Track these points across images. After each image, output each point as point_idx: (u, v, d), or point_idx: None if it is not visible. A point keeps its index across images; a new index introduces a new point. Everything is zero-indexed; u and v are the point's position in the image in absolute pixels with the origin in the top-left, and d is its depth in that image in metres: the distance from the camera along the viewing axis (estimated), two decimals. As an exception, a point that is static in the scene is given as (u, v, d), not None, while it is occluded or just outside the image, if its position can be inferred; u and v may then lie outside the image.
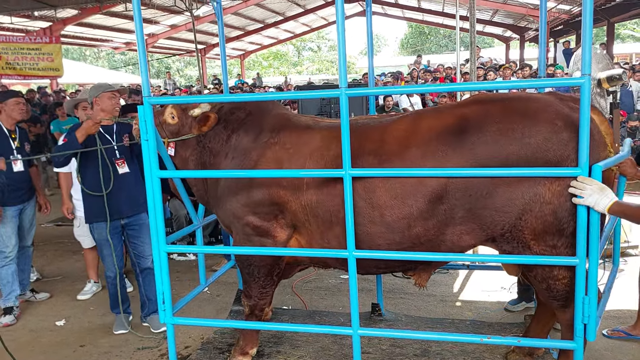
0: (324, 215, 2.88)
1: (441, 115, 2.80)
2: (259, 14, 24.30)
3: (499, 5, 20.91)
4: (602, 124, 2.69)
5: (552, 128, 2.52)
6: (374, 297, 4.22)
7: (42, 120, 10.82)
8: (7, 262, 4.63)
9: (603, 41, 18.58)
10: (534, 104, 2.64)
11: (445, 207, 2.65)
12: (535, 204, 2.53)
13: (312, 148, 2.97)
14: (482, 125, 2.62)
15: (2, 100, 4.72)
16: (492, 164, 2.56)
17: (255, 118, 3.24)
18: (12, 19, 17.15)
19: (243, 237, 3.12)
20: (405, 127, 2.83)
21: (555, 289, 2.71)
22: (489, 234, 2.66)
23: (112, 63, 42.11)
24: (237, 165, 3.12)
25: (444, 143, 2.66)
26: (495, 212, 2.59)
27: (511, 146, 2.55)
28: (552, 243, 2.59)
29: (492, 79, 11.17)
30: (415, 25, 40.98)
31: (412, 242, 2.76)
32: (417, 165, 2.68)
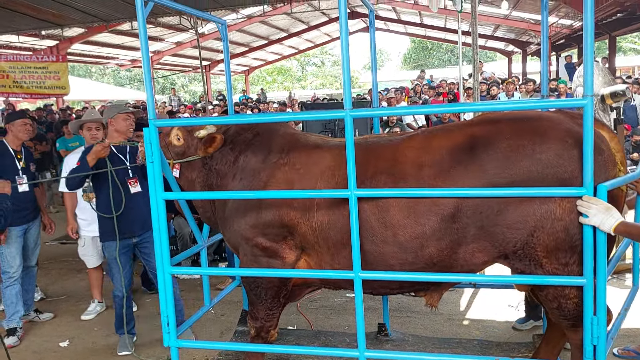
0: (335, 236, 2.86)
1: (452, 134, 2.79)
2: (263, 31, 24.52)
3: (500, 21, 21.05)
4: (612, 140, 2.68)
5: (563, 145, 2.52)
6: (380, 315, 4.18)
7: (47, 138, 10.90)
8: (11, 283, 4.62)
9: (605, 55, 18.63)
10: (545, 122, 2.63)
11: (458, 226, 2.63)
12: (547, 220, 2.51)
13: (322, 168, 2.95)
14: (493, 143, 2.62)
15: (9, 121, 4.77)
16: (503, 182, 2.55)
17: (263, 139, 3.23)
18: (20, 37, 17.39)
19: (251, 258, 3.09)
20: (417, 146, 2.83)
21: (567, 308, 2.68)
22: (501, 251, 2.64)
23: (117, 79, 42.48)
24: (245, 187, 3.10)
25: (456, 162, 2.66)
26: (507, 229, 2.57)
27: (522, 162, 2.54)
28: (564, 260, 2.57)
29: (496, 93, 11.19)
30: (418, 40, 41.21)
31: (425, 262, 2.73)
32: (430, 184, 2.67)
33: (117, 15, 14.58)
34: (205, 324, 4.76)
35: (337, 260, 2.91)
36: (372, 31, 3.85)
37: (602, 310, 2.45)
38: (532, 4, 16.81)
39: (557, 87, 10.37)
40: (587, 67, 2.32)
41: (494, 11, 19.53)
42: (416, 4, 19.19)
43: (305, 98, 25.67)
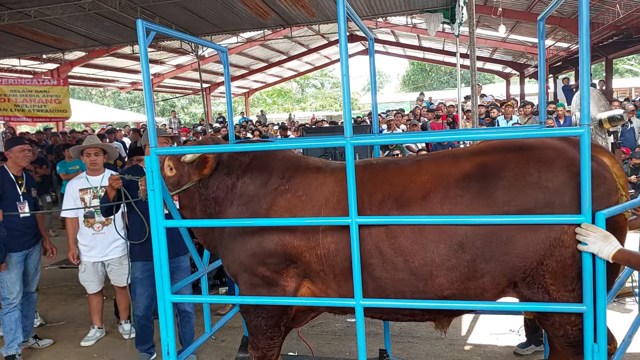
0: (343, 264, 2.80)
1: (460, 162, 2.79)
2: (263, 54, 24.79)
3: (498, 44, 21.31)
4: (614, 166, 2.69)
5: (569, 174, 2.55)
6: (382, 341, 4.15)
7: (48, 162, 10.94)
8: (10, 309, 4.59)
9: (602, 77, 18.81)
10: (549, 151, 2.66)
11: (468, 258, 2.62)
12: (555, 248, 2.53)
13: (326, 194, 2.90)
14: (501, 172, 2.64)
15: (7, 148, 4.81)
16: (512, 211, 2.56)
17: (260, 162, 3.16)
18: (21, 61, 17.56)
19: (249, 287, 3.03)
20: (425, 172, 2.82)
21: (572, 335, 2.66)
22: (511, 279, 2.64)
23: (117, 102, 42.73)
24: (244, 213, 3.03)
25: (464, 190, 2.66)
26: (516, 258, 2.58)
27: (529, 191, 2.56)
28: (571, 287, 2.58)
29: (495, 115, 11.27)
30: (417, 62, 41.62)
31: (435, 294, 2.70)
32: (436, 212, 2.67)
33: (118, 39, 14.75)
34: (206, 350, 4.72)
35: (345, 288, 2.86)
36: (372, 59, 3.90)
37: (602, 337, 2.44)
38: (529, 28, 17.05)
39: (556, 109, 10.45)
40: (583, 96, 2.35)
41: (491, 34, 19.79)
42: (414, 27, 19.44)
43: (305, 119, 25.84)
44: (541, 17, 3.39)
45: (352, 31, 21.87)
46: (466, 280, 2.65)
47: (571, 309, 2.61)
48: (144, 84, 2.89)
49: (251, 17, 13.07)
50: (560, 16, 14.64)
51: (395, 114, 13.17)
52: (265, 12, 12.68)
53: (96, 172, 4.98)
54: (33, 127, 21.95)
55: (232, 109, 4.35)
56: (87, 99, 40.38)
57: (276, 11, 12.67)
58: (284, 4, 12.08)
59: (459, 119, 10.96)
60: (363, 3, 12.17)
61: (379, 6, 12.63)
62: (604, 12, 13.87)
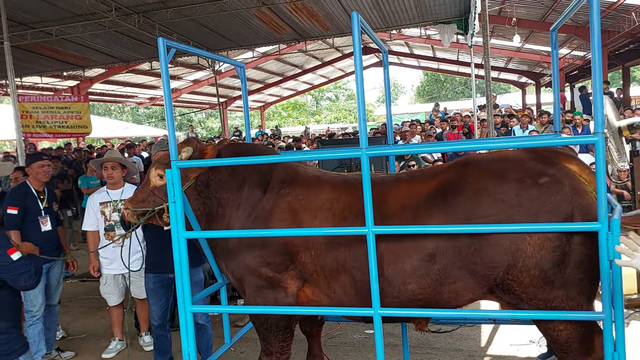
0: (332, 264, 2.92)
1: (428, 181, 2.91)
2: (278, 68, 25.04)
3: (512, 53, 21.25)
4: (582, 172, 2.72)
5: (521, 185, 2.61)
6: (400, 352, 4.15)
7: (69, 176, 11.14)
8: (34, 321, 4.68)
9: (619, 85, 18.62)
10: (506, 164, 2.75)
11: (439, 267, 2.71)
12: (518, 258, 2.57)
13: (322, 199, 3.04)
14: (460, 187, 2.73)
15: (27, 164, 4.94)
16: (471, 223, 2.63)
17: (264, 167, 3.25)
18: (42, 78, 18.00)
19: (255, 290, 3.11)
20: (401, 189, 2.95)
21: (558, 341, 2.68)
22: (485, 285, 2.70)
23: (136, 117, 43.39)
24: (249, 215, 3.12)
25: (431, 205, 2.77)
26: (483, 267, 2.64)
27: (486, 205, 2.63)
28: (543, 296, 2.60)
29: (514, 125, 11.23)
30: (431, 73, 41.63)
31: (408, 298, 2.81)
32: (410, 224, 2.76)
33: (137, 55, 15.06)
34: (225, 362, 4.76)
35: (332, 289, 2.97)
36: (386, 72, 3.95)
37: (621, 345, 2.42)
38: (544, 37, 17.00)
39: (573, 118, 10.37)
40: (597, 104, 2.37)
41: (506, 44, 19.77)
42: (428, 38, 19.50)
43: (320, 132, 25.94)
44: (553, 28, 3.41)
45: (366, 44, 22.00)
46: (438, 286, 2.74)
47: (590, 317, 2.60)
48: (164, 98, 2.97)
49: (266, 32, 13.26)
50: (576, 25, 14.59)
51: (410, 124, 13.17)
52: (280, 26, 12.86)
53: (115, 185, 5.07)
54: (54, 143, 22.37)
55: (249, 122, 4.43)
56: (107, 115, 41.09)
57: (291, 26, 12.84)
58: (298, 18, 12.24)
59: (474, 128, 10.95)
60: (376, 15, 12.28)
61: (392, 18, 12.73)
62: (620, 20, 13.79)
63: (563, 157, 2.79)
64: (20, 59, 13.39)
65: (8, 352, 2.89)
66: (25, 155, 6.69)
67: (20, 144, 8.89)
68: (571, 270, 2.55)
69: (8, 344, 2.89)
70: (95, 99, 23.19)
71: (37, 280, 2.97)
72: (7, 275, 2.85)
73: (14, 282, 2.89)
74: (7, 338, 2.90)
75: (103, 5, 10.31)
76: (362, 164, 2.66)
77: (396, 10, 12.07)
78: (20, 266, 2.85)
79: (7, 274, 2.84)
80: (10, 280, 2.88)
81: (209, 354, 4.22)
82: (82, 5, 10.18)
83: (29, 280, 2.90)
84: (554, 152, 2.80)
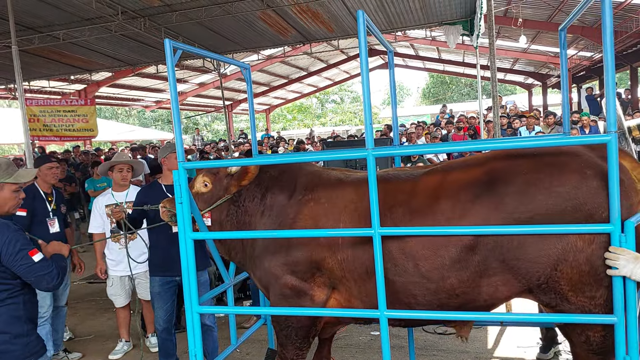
0: (360, 269, 2.87)
1: (471, 169, 2.82)
2: (284, 70, 25.09)
3: (519, 54, 21.18)
4: (634, 169, 2.64)
5: (580, 176, 2.52)
6: (407, 354, 4.12)
7: (76, 179, 11.20)
8: (41, 323, 4.68)
9: (627, 86, 18.52)
10: (562, 156, 2.65)
11: (479, 258, 2.63)
12: (569, 253, 2.49)
13: (346, 201, 3.00)
14: (512, 178, 2.63)
15: (36, 166, 4.97)
16: (522, 217, 2.55)
17: (288, 176, 3.28)
18: (50, 82, 18.11)
19: (280, 298, 3.08)
20: (435, 180, 2.86)
21: (595, 342, 2.62)
22: (525, 284, 2.62)
23: (142, 121, 43.57)
24: (274, 223, 3.13)
25: (475, 196, 2.67)
26: (529, 263, 2.55)
27: (539, 196, 2.54)
28: (590, 294, 2.53)
29: (519, 126, 11.17)
30: (437, 75, 41.57)
31: (447, 293, 2.73)
32: (448, 217, 2.68)
33: (143, 59, 15.10)
34: (231, 364, 4.75)
35: (365, 293, 2.91)
36: (392, 72, 3.94)
37: (634, 349, 2.39)
38: (550, 38, 16.93)
39: (580, 119, 10.32)
40: (609, 104, 2.34)
41: (512, 45, 19.70)
42: (434, 40, 19.48)
43: (326, 134, 25.97)
44: (562, 28, 3.38)
45: (372, 45, 22.01)
46: (478, 279, 2.65)
47: (602, 320, 2.57)
48: (171, 99, 2.97)
49: (271, 34, 13.27)
50: (582, 25, 14.52)
51: (417, 126, 13.14)
52: (285, 29, 12.87)
53: (122, 187, 5.09)
54: (61, 146, 22.50)
55: (255, 124, 4.43)
56: (113, 118, 41.30)
57: (296, 28, 12.85)
58: (303, 20, 12.24)
59: (480, 130, 10.90)
60: (382, 17, 12.27)
61: (397, 20, 12.71)
62: (627, 20, 13.71)
63: (620, 153, 2.66)
64: (28, 62, 13.47)
65: (28, 354, 2.88)
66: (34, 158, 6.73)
67: (28, 147, 8.93)
68: None
69: (27, 347, 2.88)
70: (101, 102, 23.32)
71: (60, 281, 2.93)
72: (29, 277, 2.82)
73: (36, 284, 2.87)
74: (27, 341, 2.88)
75: (109, 9, 10.35)
76: (368, 165, 2.65)
77: (401, 11, 12.05)
78: (42, 268, 2.82)
79: (29, 276, 2.82)
80: (33, 282, 2.86)
81: (215, 356, 4.22)
82: (89, 10, 10.23)
83: (51, 281, 2.86)
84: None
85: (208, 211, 3.32)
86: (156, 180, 4.60)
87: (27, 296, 2.93)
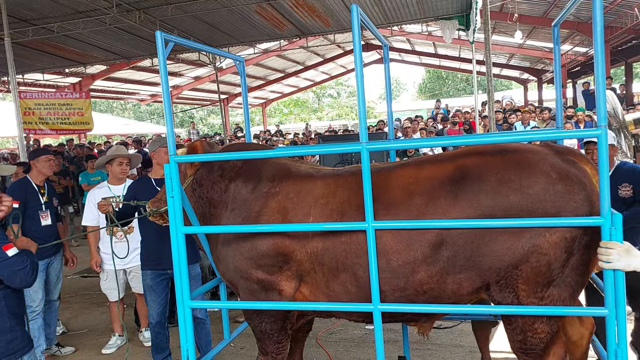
0: (330, 262, 2.83)
1: (443, 165, 2.82)
2: (280, 64, 25.02)
3: (514, 50, 21.19)
4: (594, 175, 2.67)
5: (548, 179, 2.55)
6: (401, 348, 4.14)
7: (70, 173, 11.15)
8: (33, 317, 4.68)
9: (622, 81, 18.56)
10: (529, 155, 2.67)
11: (448, 254, 2.65)
12: (532, 254, 2.53)
13: (316, 195, 2.95)
14: (484, 175, 2.65)
15: (33, 157, 4.94)
16: (497, 214, 2.57)
17: (253, 166, 3.20)
18: (44, 75, 18.01)
19: (248, 293, 3.05)
20: (408, 175, 2.85)
21: (531, 342, 2.68)
22: (485, 280, 2.65)
23: (138, 114, 43.43)
24: (238, 216, 3.07)
25: (447, 192, 2.68)
26: (493, 259, 2.59)
27: (511, 196, 2.56)
28: (540, 295, 2.58)
29: (515, 121, 11.18)
30: (433, 70, 41.55)
31: (415, 289, 2.74)
32: (421, 212, 2.69)
33: (138, 52, 15.05)
34: (225, 357, 4.75)
35: (332, 288, 2.89)
36: (387, 66, 3.92)
37: (623, 342, 2.41)
38: (546, 33, 16.94)
39: (575, 114, 10.33)
40: (599, 98, 2.34)
41: (508, 40, 19.70)
42: (430, 35, 19.45)
43: (322, 129, 25.95)
44: (555, 23, 3.37)
45: (368, 40, 21.95)
46: (445, 275, 2.67)
47: (593, 313, 2.58)
48: (162, 92, 2.95)
49: (267, 27, 13.23)
50: (578, 21, 14.52)
51: (412, 120, 13.14)
52: (281, 22, 12.83)
53: (120, 181, 5.07)
54: (56, 140, 22.40)
55: (249, 118, 4.40)
56: (109, 112, 41.15)
57: (292, 21, 12.81)
58: (299, 14, 12.21)
59: (475, 125, 10.92)
60: (378, 12, 12.24)
61: (393, 14, 12.69)
62: (622, 15, 13.71)
63: (581, 157, 2.74)
64: (21, 55, 13.39)
65: (12, 351, 2.81)
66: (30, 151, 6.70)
67: (21, 140, 8.89)
68: (571, 271, 2.55)
69: (12, 343, 2.81)
70: (97, 95, 23.21)
71: (34, 278, 2.81)
72: (2, 273, 2.70)
73: (10, 280, 2.74)
74: (11, 337, 2.81)
75: (104, 1, 10.29)
76: (362, 159, 2.63)
77: (397, 6, 12.03)
78: (16, 263, 2.71)
79: (3, 271, 2.69)
80: (6, 278, 2.73)
81: (208, 349, 4.22)
82: (83, 2, 10.17)
83: (24, 277, 2.74)
84: (572, 151, 2.75)
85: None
86: (146, 175, 4.59)
87: (8, 290, 2.82)
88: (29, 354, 2.90)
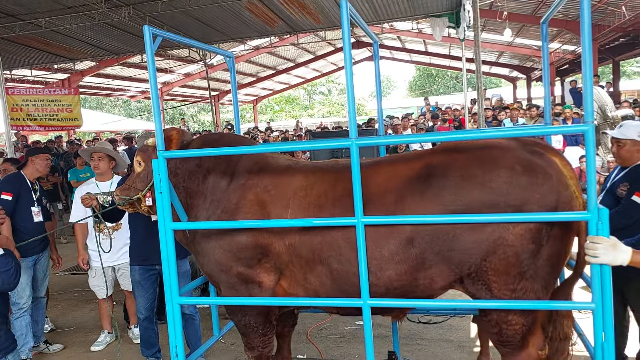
0: (307, 254, 2.85)
1: (411, 163, 2.86)
2: (271, 61, 24.95)
3: (504, 48, 21.29)
4: (564, 167, 2.71)
5: (511, 172, 2.58)
6: (390, 343, 4.15)
7: (59, 170, 11.06)
8: (21, 314, 4.64)
9: (609, 79, 18.72)
10: (494, 151, 2.70)
11: (417, 252, 2.68)
12: (499, 246, 2.56)
13: (295, 188, 2.95)
14: (447, 172, 2.69)
15: (33, 154, 4.93)
16: (459, 210, 2.60)
17: (231, 157, 3.18)
18: (32, 71, 17.81)
19: (228, 287, 3.05)
20: (381, 172, 2.88)
21: (506, 334, 2.72)
22: (457, 274, 2.69)
23: (128, 111, 43.09)
24: (217, 208, 3.05)
25: (414, 189, 2.72)
26: (461, 254, 2.62)
27: (474, 191, 2.60)
28: (512, 286, 2.61)
29: (504, 117, 11.24)
30: (423, 68, 41.65)
31: (385, 286, 2.77)
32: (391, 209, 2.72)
33: (128, 48, 14.93)
34: (215, 353, 4.75)
35: (308, 280, 2.90)
36: (377, 62, 3.93)
37: (609, 335, 2.44)
38: (535, 31, 17.04)
39: (563, 112, 10.41)
40: (587, 94, 2.36)
41: (497, 38, 19.79)
42: (420, 32, 19.49)
43: (313, 126, 25.91)
44: (544, 20, 3.39)
45: (358, 37, 21.95)
46: (415, 272, 2.70)
47: (580, 307, 2.60)
48: (151, 88, 2.92)
49: (258, 24, 13.19)
50: (566, 19, 14.62)
51: (403, 118, 13.16)
52: (271, 19, 12.79)
53: (103, 177, 5.04)
54: (44, 136, 22.20)
55: (238, 114, 4.39)
56: (99, 109, 40.79)
57: (282, 18, 12.78)
58: (290, 10, 12.18)
59: (465, 122, 10.96)
60: (368, 9, 12.25)
61: (384, 11, 12.70)
62: (610, 14, 13.83)
63: (549, 149, 2.78)
64: (9, 51, 13.24)
65: None
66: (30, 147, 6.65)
67: (9, 137, 8.81)
68: (542, 262, 2.57)
69: None
70: (86, 92, 23.01)
71: (16, 282, 2.73)
72: None
73: None
74: None
75: (92, -4, 10.21)
76: (352, 154, 2.64)
77: (388, 3, 12.04)
78: (1, 264, 2.64)
79: None
80: None
81: (198, 345, 4.21)
82: (72, -3, 10.08)
83: (8, 280, 2.67)
84: (538, 143, 2.78)
85: (148, 190, 3.25)
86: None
87: None
88: (12, 353, 2.87)
